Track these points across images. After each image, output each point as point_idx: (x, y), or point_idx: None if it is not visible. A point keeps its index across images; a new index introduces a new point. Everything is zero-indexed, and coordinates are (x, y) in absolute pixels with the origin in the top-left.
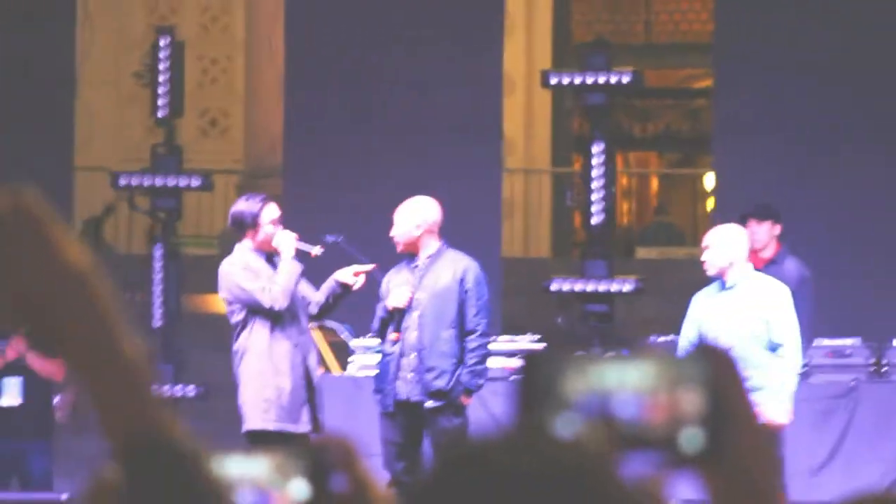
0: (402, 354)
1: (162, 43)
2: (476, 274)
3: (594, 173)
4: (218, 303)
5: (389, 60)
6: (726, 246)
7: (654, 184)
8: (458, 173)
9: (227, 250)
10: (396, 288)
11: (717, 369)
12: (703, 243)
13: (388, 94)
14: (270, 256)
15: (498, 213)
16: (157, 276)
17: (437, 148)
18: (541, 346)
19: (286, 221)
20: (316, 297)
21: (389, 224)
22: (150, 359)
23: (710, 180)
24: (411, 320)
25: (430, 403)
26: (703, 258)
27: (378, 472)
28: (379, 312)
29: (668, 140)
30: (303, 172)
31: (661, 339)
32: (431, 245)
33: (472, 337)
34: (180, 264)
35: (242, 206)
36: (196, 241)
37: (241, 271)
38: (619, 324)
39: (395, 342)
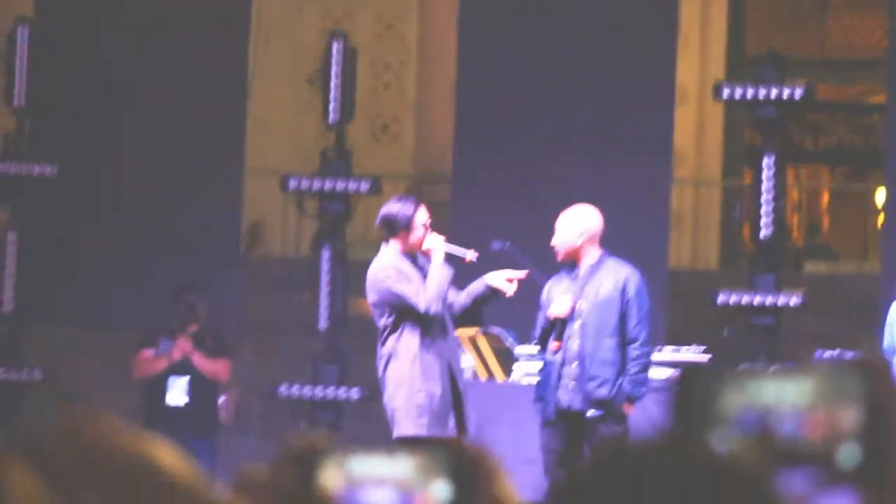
0: (563, 363)
1: (335, 48)
2: (637, 283)
3: (764, 186)
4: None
5: (560, 69)
6: None
7: (825, 198)
8: (628, 184)
9: None
10: (558, 297)
11: (874, 384)
12: None
13: (558, 103)
14: (415, 259)
15: (666, 225)
16: (324, 279)
17: (607, 158)
18: (706, 357)
19: (455, 228)
20: (459, 297)
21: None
22: None
23: (881, 196)
24: (573, 329)
25: (591, 412)
26: None
27: (538, 480)
28: (540, 321)
29: (840, 154)
30: (471, 180)
31: (826, 354)
32: (592, 254)
33: (634, 346)
34: (347, 268)
35: (395, 207)
36: (364, 245)
37: (394, 274)
38: (785, 338)
39: (556, 351)
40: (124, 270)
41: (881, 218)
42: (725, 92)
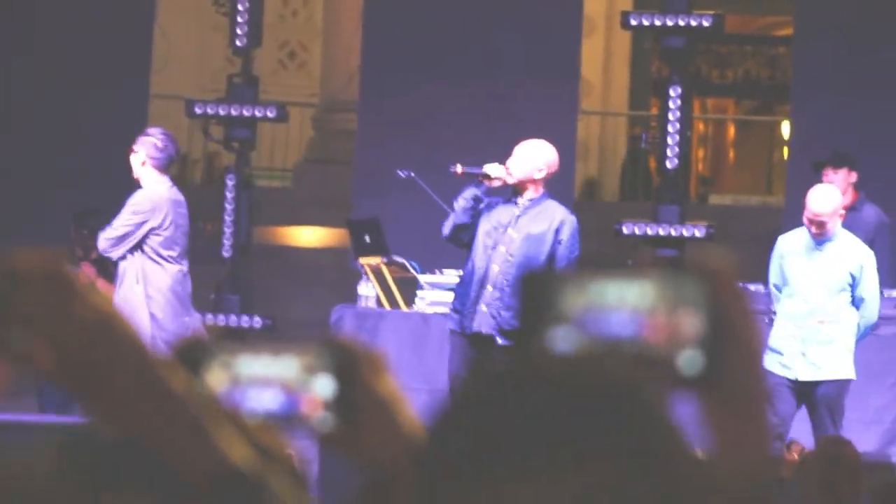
0: (482, 283)
1: None
2: (573, 228)
3: (671, 117)
4: (289, 235)
5: (468, 0)
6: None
7: (731, 130)
8: (534, 115)
9: (300, 183)
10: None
11: (717, 291)
12: (818, 210)
13: (465, 33)
14: None
15: (573, 155)
16: (229, 207)
17: (514, 89)
18: None
19: (360, 155)
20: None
21: (462, 161)
22: (210, 399)
23: (786, 129)
24: (498, 254)
25: (501, 341)
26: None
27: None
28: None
29: (747, 87)
30: (378, 108)
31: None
32: (536, 190)
33: None
34: (252, 196)
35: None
36: (269, 173)
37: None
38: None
39: (459, 174)
40: (25, 197)
41: (786, 151)
42: (633, 21)
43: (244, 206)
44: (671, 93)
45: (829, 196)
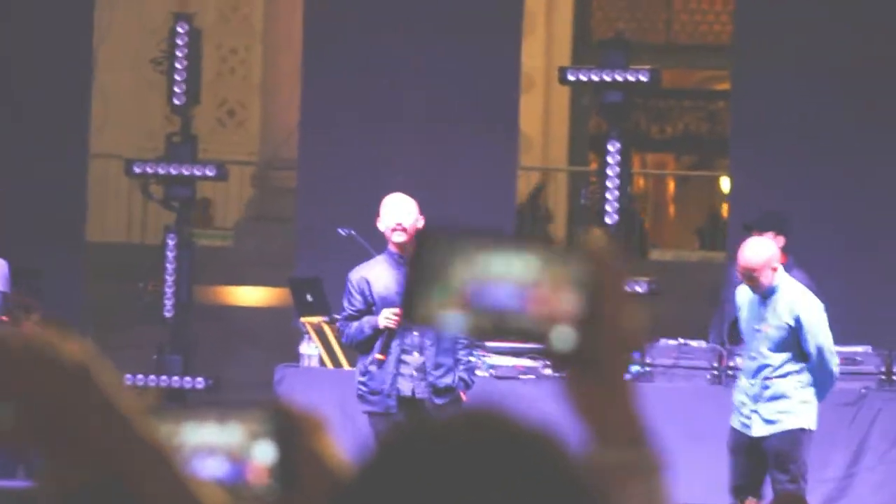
0: (400, 353)
1: (180, 30)
2: None
3: (609, 172)
4: (230, 295)
5: (407, 54)
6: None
7: (671, 185)
8: (474, 170)
9: (241, 242)
10: (385, 308)
11: (597, 270)
12: (748, 262)
13: (404, 87)
14: None
15: (512, 210)
16: (170, 267)
17: (453, 144)
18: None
19: (301, 214)
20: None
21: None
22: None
23: (726, 183)
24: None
25: (437, 400)
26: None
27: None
28: (366, 328)
29: (686, 142)
30: (318, 165)
31: (671, 341)
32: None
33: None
34: (193, 255)
35: None
36: (210, 232)
37: None
38: None
39: (381, 363)
40: None
41: (726, 205)
42: (570, 76)
43: (186, 265)
44: (610, 147)
45: (758, 249)
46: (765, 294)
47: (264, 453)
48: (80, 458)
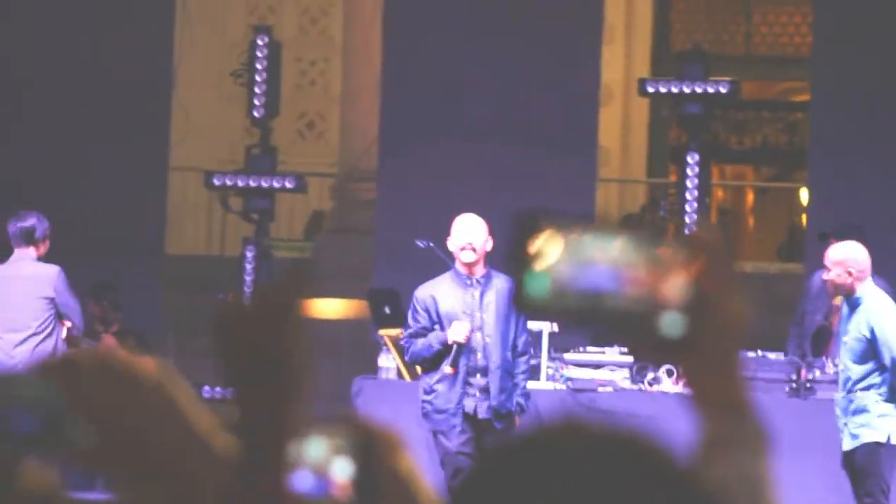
0: (467, 374)
1: (260, 42)
2: None
3: (689, 184)
4: (307, 306)
5: (485, 65)
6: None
7: (750, 197)
8: (553, 183)
9: (318, 254)
10: (455, 321)
11: (701, 256)
12: (827, 262)
13: (483, 99)
14: None
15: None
16: (248, 279)
17: (532, 157)
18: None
19: (380, 226)
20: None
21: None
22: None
23: (805, 195)
24: (476, 341)
25: (498, 424)
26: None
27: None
28: (434, 344)
29: (765, 153)
30: (396, 177)
31: (749, 353)
32: (485, 265)
33: (523, 359)
34: (272, 267)
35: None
36: (288, 244)
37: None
38: None
39: (453, 375)
40: None
41: (805, 217)
42: (650, 88)
43: (264, 277)
44: (689, 160)
45: (840, 247)
46: (852, 305)
47: (343, 469)
48: (157, 475)
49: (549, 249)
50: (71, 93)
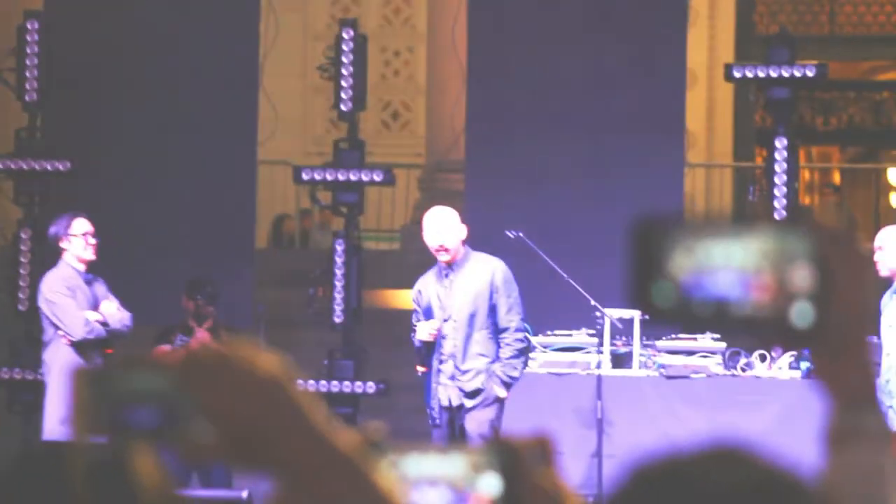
0: (440, 363)
1: (345, 35)
2: (504, 273)
3: (777, 168)
4: (398, 298)
5: (571, 53)
6: None
7: (837, 178)
8: (641, 169)
9: (408, 245)
10: (421, 324)
11: (823, 243)
12: (875, 243)
13: (569, 87)
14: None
15: (680, 208)
16: (339, 272)
17: (619, 143)
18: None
19: (469, 216)
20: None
21: (570, 220)
22: (370, 444)
23: (893, 175)
24: (446, 329)
25: (469, 403)
26: (875, 258)
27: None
28: (416, 342)
29: (851, 133)
30: (485, 167)
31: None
32: (458, 252)
33: (506, 334)
34: (361, 259)
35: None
36: (377, 235)
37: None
38: None
39: (424, 373)
40: (135, 265)
41: (892, 197)
42: (736, 73)
43: (354, 270)
44: (777, 144)
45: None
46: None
47: (490, 486)
48: (276, 471)
49: (672, 256)
50: (159, 88)
